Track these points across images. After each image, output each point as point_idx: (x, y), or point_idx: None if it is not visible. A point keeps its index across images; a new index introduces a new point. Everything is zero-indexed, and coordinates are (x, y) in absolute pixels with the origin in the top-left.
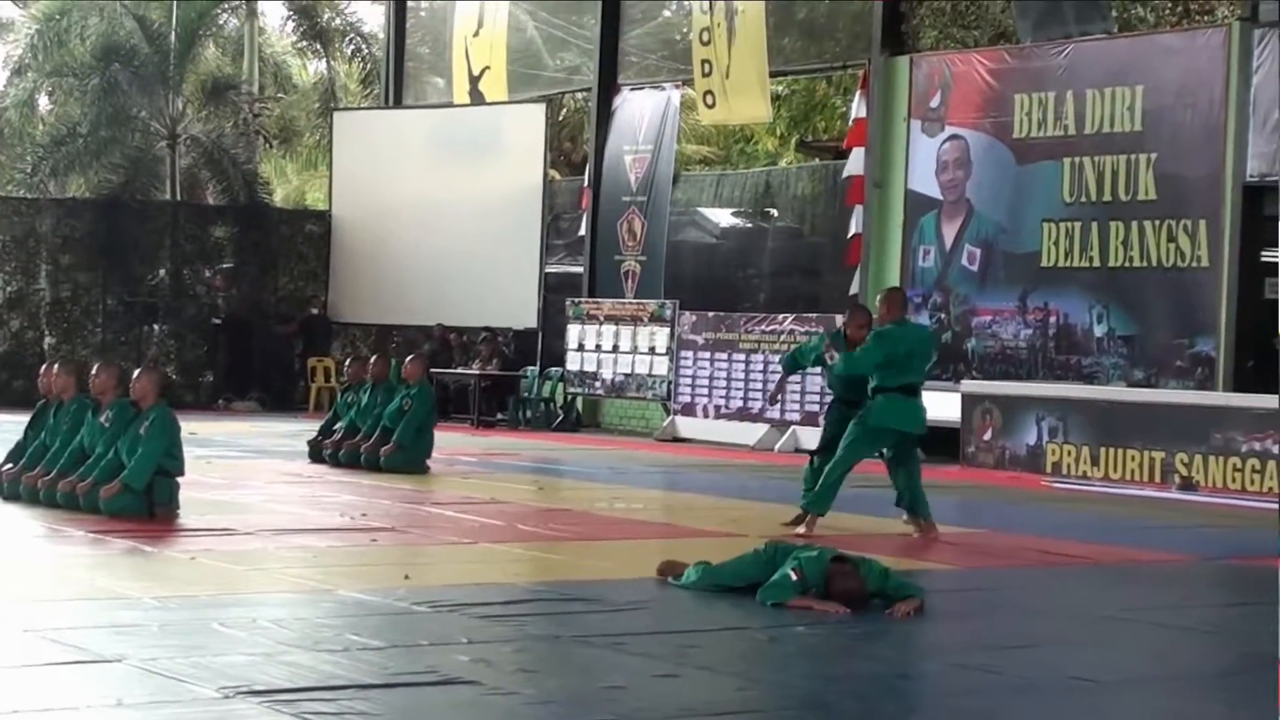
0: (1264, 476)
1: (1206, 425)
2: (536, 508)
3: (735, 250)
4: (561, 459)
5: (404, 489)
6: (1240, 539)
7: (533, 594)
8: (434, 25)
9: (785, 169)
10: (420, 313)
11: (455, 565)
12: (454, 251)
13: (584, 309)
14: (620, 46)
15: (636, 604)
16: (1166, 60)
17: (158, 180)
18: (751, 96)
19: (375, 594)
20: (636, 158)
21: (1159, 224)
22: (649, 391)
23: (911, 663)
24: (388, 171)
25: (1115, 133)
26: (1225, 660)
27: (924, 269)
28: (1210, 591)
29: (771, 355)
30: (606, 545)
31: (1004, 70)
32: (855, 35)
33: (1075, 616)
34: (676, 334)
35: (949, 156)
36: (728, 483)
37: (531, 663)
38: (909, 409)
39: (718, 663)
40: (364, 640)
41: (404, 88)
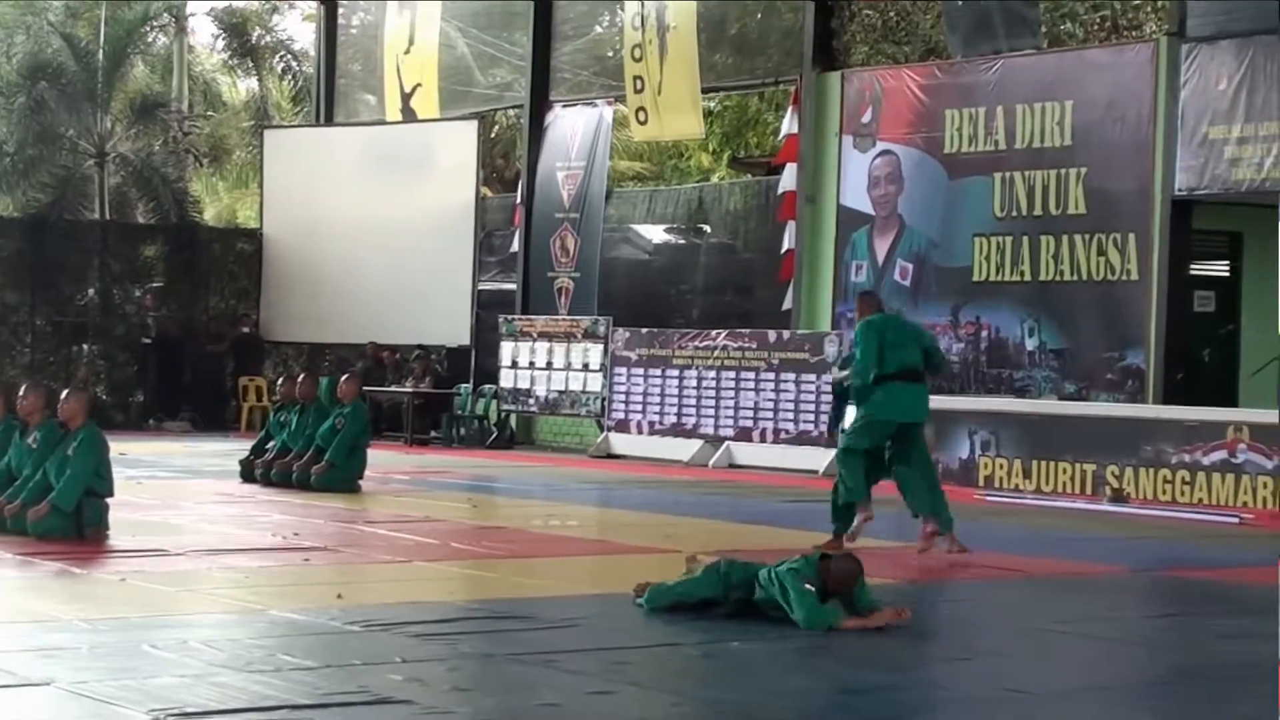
0: (1193, 488)
1: (1137, 438)
2: (470, 525)
3: (668, 266)
4: (495, 476)
5: (336, 508)
6: (1170, 550)
7: (466, 612)
8: (365, 43)
9: (718, 185)
10: (352, 331)
11: (388, 584)
12: (386, 269)
13: (517, 326)
14: (552, 63)
15: (570, 621)
16: (1095, 76)
17: (86, 199)
18: (683, 113)
19: (308, 614)
20: (569, 174)
21: (1089, 238)
22: (583, 408)
23: (850, 677)
24: (319, 189)
25: (1045, 147)
26: (1155, 671)
27: (856, 284)
28: (1141, 603)
29: (705, 371)
30: (540, 563)
31: (935, 86)
32: (787, 51)
33: (1011, 629)
34: (610, 350)
35: (880, 172)
36: (662, 499)
37: (465, 681)
38: (907, 396)
39: (651, 679)
40: (296, 660)
41: (335, 105)
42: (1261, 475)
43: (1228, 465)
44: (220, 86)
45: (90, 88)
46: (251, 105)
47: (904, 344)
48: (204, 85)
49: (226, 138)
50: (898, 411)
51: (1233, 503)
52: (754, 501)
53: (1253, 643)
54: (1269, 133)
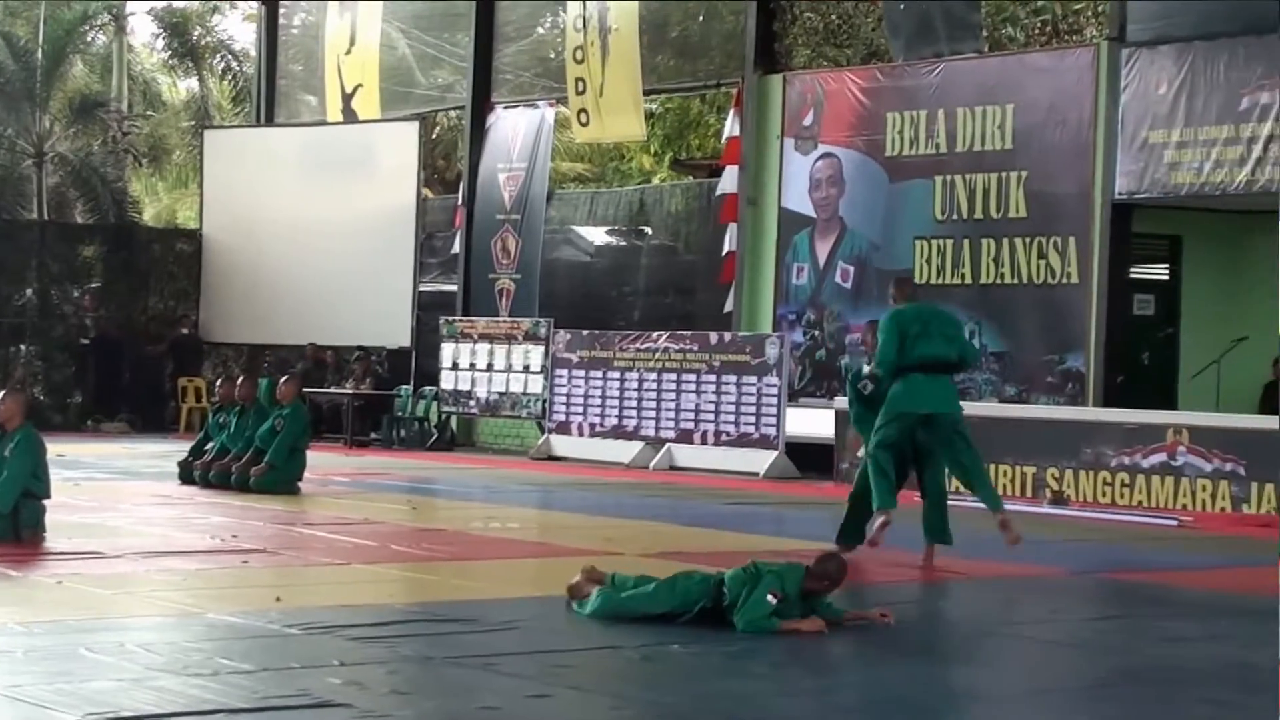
0: (1133, 490)
1: (1077, 440)
2: (410, 528)
3: (610, 268)
4: (436, 478)
5: (275, 510)
6: (1111, 553)
7: (406, 615)
8: (306, 43)
9: (659, 187)
10: (292, 332)
11: (328, 586)
12: (327, 270)
13: (458, 327)
14: (494, 64)
15: (510, 624)
16: (1036, 79)
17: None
18: (625, 114)
19: (246, 616)
20: (510, 175)
21: (1029, 241)
22: (524, 410)
23: (789, 680)
24: (260, 190)
25: (986, 151)
26: (1097, 674)
27: (797, 286)
28: (1082, 605)
29: (647, 373)
30: (480, 565)
31: (876, 89)
32: (729, 54)
33: (952, 632)
34: (551, 352)
35: (822, 174)
36: (603, 501)
37: (404, 684)
38: (930, 386)
39: (591, 682)
40: (234, 664)
41: (276, 106)
42: (1200, 478)
43: (1167, 468)
44: (160, 86)
45: (29, 87)
46: (192, 105)
47: (928, 335)
48: (144, 85)
49: (166, 138)
50: (918, 402)
51: (1172, 505)
52: (695, 504)
53: (1194, 645)
54: (1208, 137)
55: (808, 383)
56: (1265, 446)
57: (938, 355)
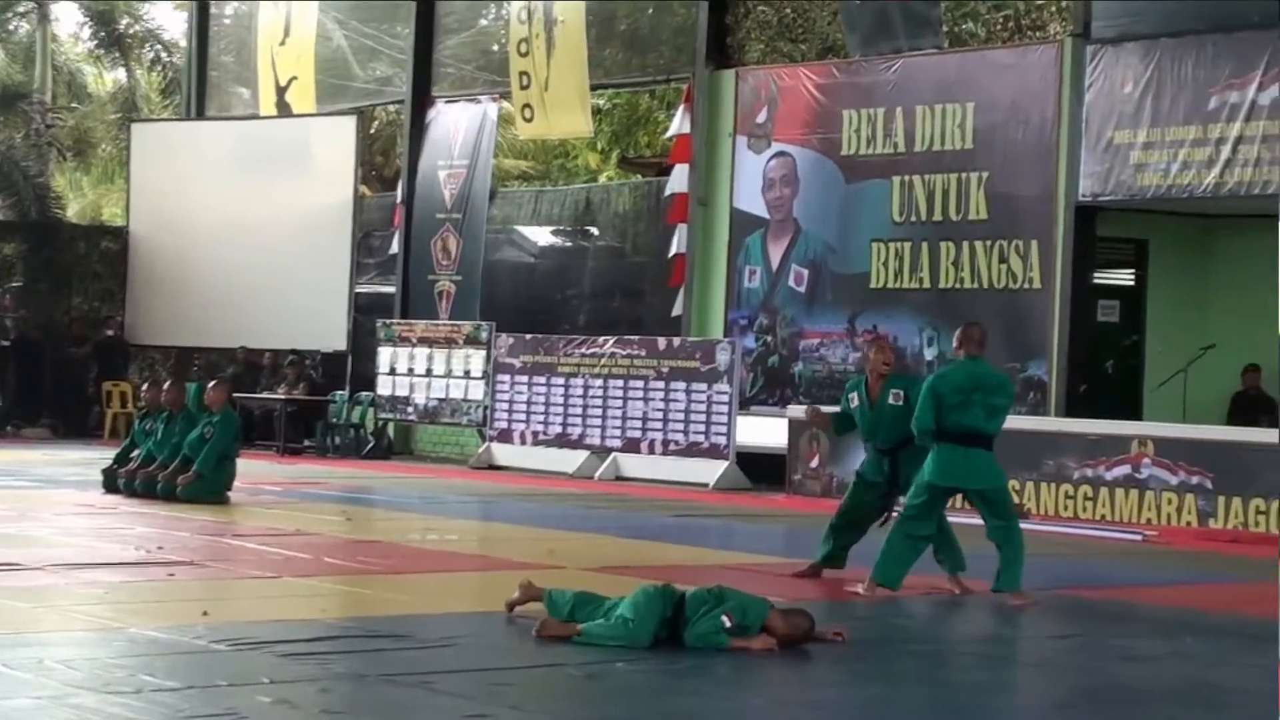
0: (1096, 504)
1: (1038, 451)
2: (344, 539)
3: (554, 270)
4: (372, 488)
5: (203, 520)
6: (1072, 569)
7: (339, 630)
8: (238, 33)
9: (606, 185)
10: (223, 334)
11: (257, 601)
12: (259, 270)
13: (396, 331)
14: (434, 57)
15: (447, 640)
16: (998, 77)
17: None
18: (571, 110)
19: (171, 632)
20: (451, 173)
21: (990, 244)
22: (464, 417)
23: (735, 699)
24: (189, 186)
25: (946, 151)
26: (1057, 694)
27: (749, 290)
28: (1041, 622)
29: (592, 379)
30: (417, 579)
31: (832, 85)
32: (679, 48)
33: (905, 650)
34: (493, 357)
35: (775, 174)
36: (545, 513)
37: (336, 703)
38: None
39: (532, 702)
40: (158, 681)
41: (207, 98)
42: (1166, 491)
43: (1131, 480)
44: (85, 77)
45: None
46: (119, 97)
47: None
48: (68, 76)
49: (92, 130)
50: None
51: (1136, 519)
52: (642, 516)
53: (1157, 664)
54: (1176, 137)
55: (760, 390)
56: (1233, 459)
57: (974, 428)
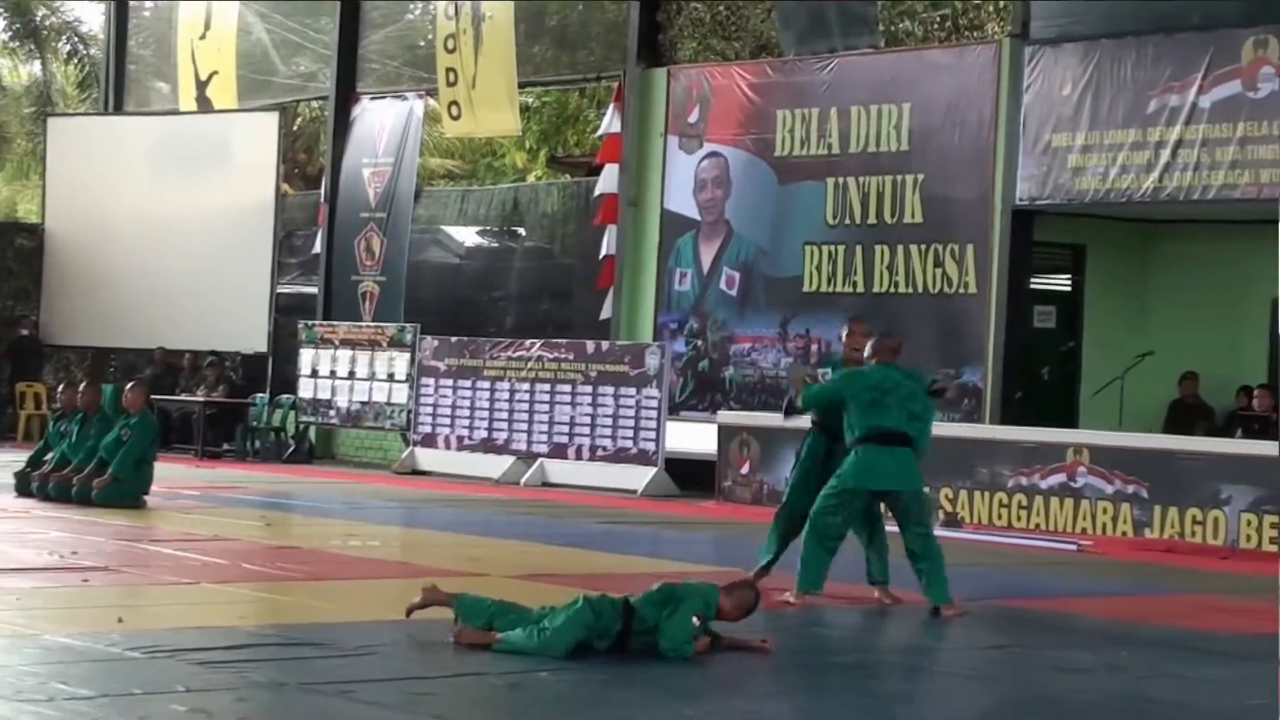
0: (1030, 513)
1: (972, 459)
2: (264, 545)
3: (481, 271)
4: (292, 493)
5: (119, 525)
6: (1005, 579)
7: (257, 638)
8: (158, 26)
9: (534, 185)
10: (141, 335)
11: (174, 607)
12: (178, 269)
13: (318, 332)
14: (359, 52)
15: (368, 649)
16: (935, 77)
17: None
18: (499, 108)
19: (85, 639)
20: (376, 171)
21: (925, 248)
22: (387, 421)
23: (658, 709)
24: (107, 182)
25: (881, 152)
26: (987, 705)
27: (680, 293)
28: (976, 633)
29: (519, 383)
30: (338, 585)
31: (766, 85)
32: (610, 45)
33: (835, 660)
34: (417, 360)
35: (707, 174)
36: (470, 519)
37: (254, 712)
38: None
39: (453, 711)
40: (71, 689)
41: (125, 93)
42: (1102, 500)
43: (1067, 489)
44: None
45: None
46: (33, 90)
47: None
48: None
49: (6, 125)
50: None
51: (1072, 529)
52: (568, 523)
53: (1091, 676)
54: (1114, 141)
55: (689, 395)
56: (1170, 468)
57: (892, 429)
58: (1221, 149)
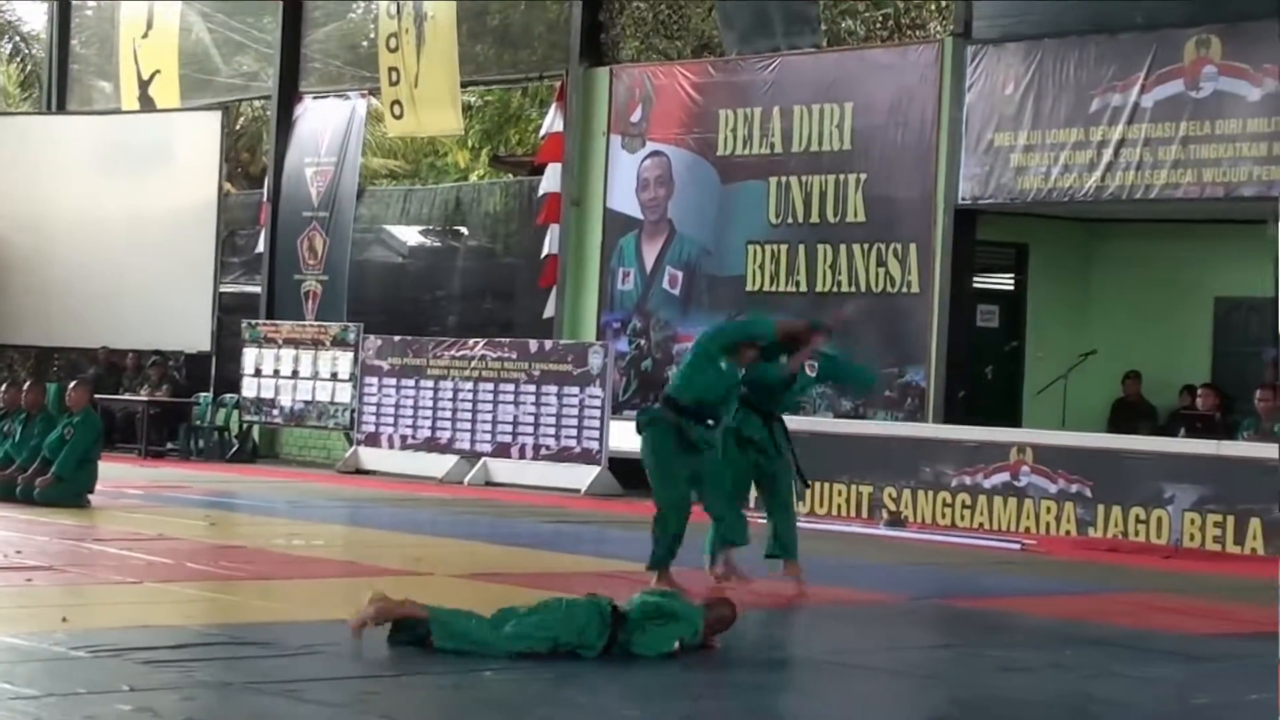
0: (974, 512)
1: (916, 458)
2: (208, 544)
3: (424, 270)
4: (236, 492)
5: (63, 524)
6: (950, 578)
7: (202, 637)
8: (101, 26)
9: (477, 185)
10: (84, 334)
11: (118, 606)
12: (121, 268)
13: (261, 331)
14: (302, 51)
15: (313, 648)
16: (877, 77)
17: None
18: (442, 107)
19: (29, 638)
20: (319, 170)
21: (868, 247)
22: (331, 420)
23: (603, 708)
24: (49, 181)
25: (823, 152)
26: (931, 705)
27: (623, 292)
28: (920, 633)
29: (462, 382)
30: (282, 585)
31: (708, 84)
32: (553, 44)
33: (779, 660)
34: (360, 359)
35: (650, 174)
36: (414, 518)
37: (200, 712)
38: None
39: (399, 711)
40: (16, 689)
41: (68, 92)
42: (1045, 499)
43: (1010, 488)
44: None
45: None
46: None
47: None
48: None
49: None
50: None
51: (1015, 528)
52: (512, 522)
53: (1035, 676)
54: (1057, 140)
55: (633, 394)
56: (1113, 467)
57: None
58: (1164, 148)
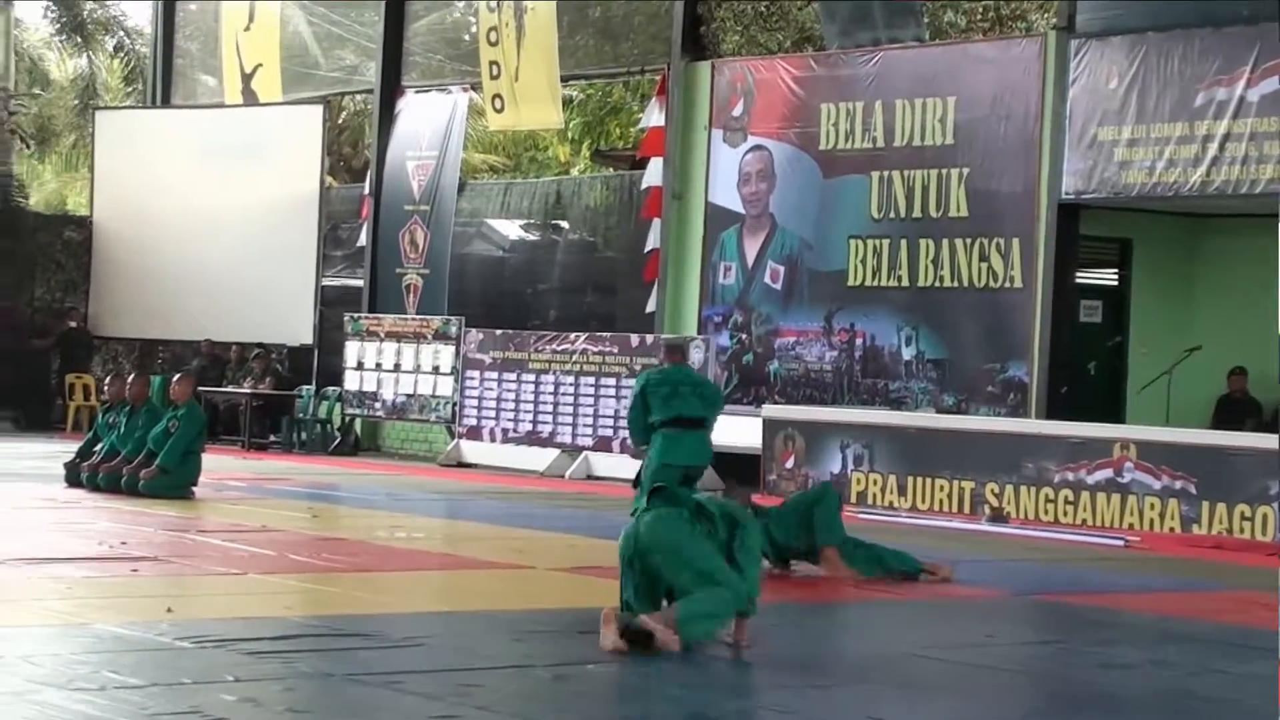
0: (1076, 508)
1: (1018, 454)
2: (310, 536)
3: (524, 264)
4: (338, 484)
5: (168, 515)
6: (1051, 574)
7: (304, 629)
8: (204, 20)
9: (577, 179)
10: (188, 327)
11: (222, 597)
12: (225, 262)
13: (364, 325)
14: (404, 46)
15: (414, 640)
16: (980, 71)
17: None
18: (542, 101)
19: (135, 628)
20: (420, 164)
21: (970, 242)
22: (432, 413)
23: (703, 701)
24: (154, 175)
25: (926, 146)
26: (1032, 702)
27: (724, 286)
28: (1019, 629)
29: (563, 376)
30: (384, 577)
31: (810, 78)
32: (653, 37)
33: (880, 654)
34: (462, 353)
35: (752, 168)
36: (514, 511)
37: (301, 703)
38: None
39: (499, 703)
40: (122, 678)
41: (172, 86)
42: (1149, 495)
43: (1113, 484)
44: (49, 64)
45: None
46: (78, 84)
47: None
48: (30, 62)
49: (55, 118)
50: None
51: (1118, 524)
52: (612, 516)
53: (1136, 673)
54: (1161, 134)
55: (734, 389)
56: (1217, 464)
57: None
58: (1269, 143)
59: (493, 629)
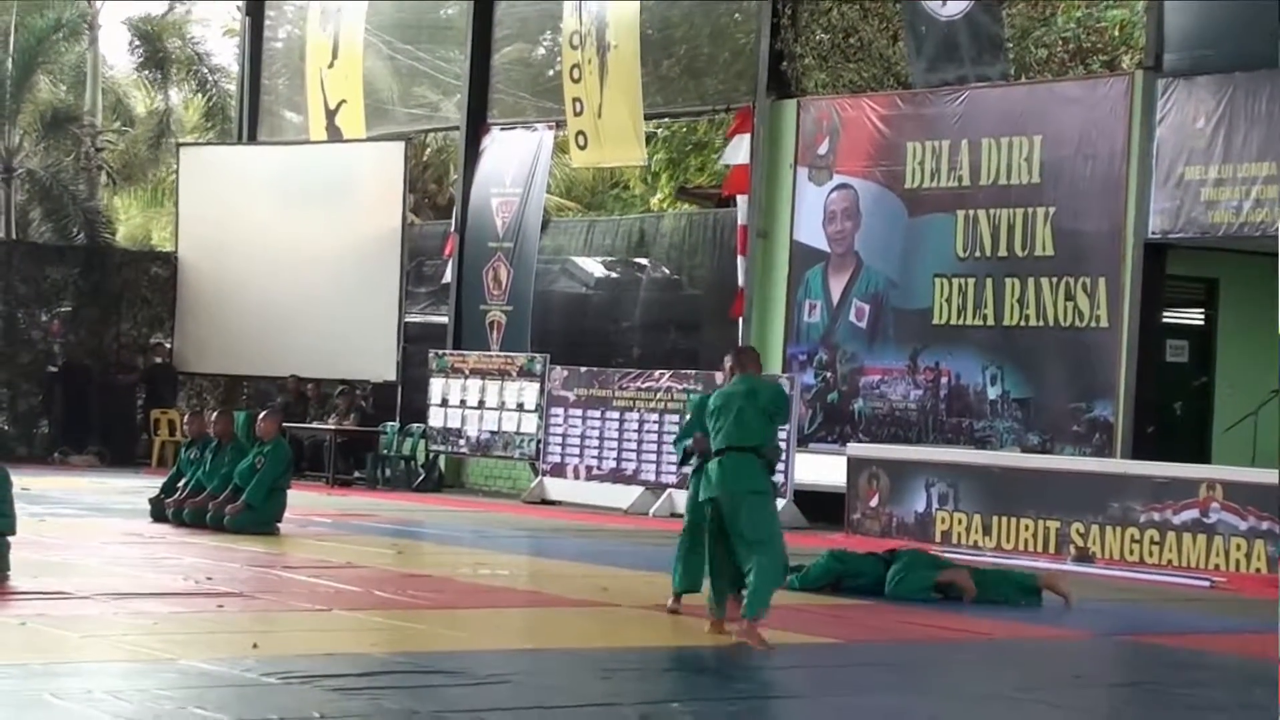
0: (1163, 548)
1: (1104, 494)
2: (395, 573)
3: (607, 301)
4: (422, 521)
5: (253, 551)
6: (1138, 614)
7: (389, 665)
8: (290, 57)
9: (660, 215)
10: (272, 363)
11: (307, 633)
12: (309, 297)
13: (448, 361)
14: (490, 83)
15: (499, 677)
16: (1066, 109)
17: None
18: (625, 138)
19: (221, 664)
20: (504, 201)
21: (1056, 281)
22: (516, 450)
23: None
24: (239, 211)
25: (1012, 184)
26: None
27: (809, 324)
28: (1107, 670)
29: (647, 413)
30: (469, 614)
31: (896, 117)
32: (738, 74)
33: (961, 695)
34: (546, 390)
35: (837, 206)
36: (598, 549)
37: None
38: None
39: None
40: (208, 714)
41: (258, 123)
42: (1235, 536)
43: (1199, 525)
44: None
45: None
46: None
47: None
48: (115, 98)
49: (140, 154)
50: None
51: (1204, 565)
52: None
53: (1225, 715)
54: (1248, 174)
55: (818, 427)
56: None
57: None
58: None
59: (577, 667)
